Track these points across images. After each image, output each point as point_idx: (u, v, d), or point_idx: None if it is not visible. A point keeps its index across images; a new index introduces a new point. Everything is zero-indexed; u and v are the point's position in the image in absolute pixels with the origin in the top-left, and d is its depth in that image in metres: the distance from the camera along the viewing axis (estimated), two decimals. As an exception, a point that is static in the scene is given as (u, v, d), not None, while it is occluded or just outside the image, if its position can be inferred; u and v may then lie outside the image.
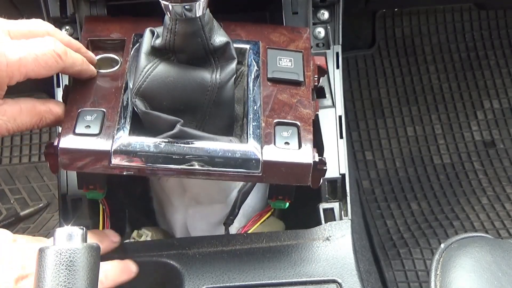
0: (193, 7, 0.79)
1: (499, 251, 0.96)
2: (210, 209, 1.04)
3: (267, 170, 0.84)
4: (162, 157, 0.83)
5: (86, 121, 0.85)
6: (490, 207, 1.73)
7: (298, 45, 0.99)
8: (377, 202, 1.76)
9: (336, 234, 0.94)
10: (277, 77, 0.94)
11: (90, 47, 0.96)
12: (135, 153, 0.83)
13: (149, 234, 1.04)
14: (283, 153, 0.85)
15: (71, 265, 0.66)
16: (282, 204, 0.96)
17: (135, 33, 0.97)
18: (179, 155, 0.83)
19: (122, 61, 0.94)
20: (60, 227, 0.72)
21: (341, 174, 1.02)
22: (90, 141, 0.83)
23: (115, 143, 0.83)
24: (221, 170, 0.84)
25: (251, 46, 0.97)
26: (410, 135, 1.88)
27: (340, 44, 1.12)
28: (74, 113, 0.86)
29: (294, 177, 0.85)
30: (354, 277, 0.89)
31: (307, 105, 0.91)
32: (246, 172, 0.84)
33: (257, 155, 0.84)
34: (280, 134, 0.87)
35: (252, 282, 0.88)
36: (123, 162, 0.83)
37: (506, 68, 1.96)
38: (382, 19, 1.98)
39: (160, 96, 0.84)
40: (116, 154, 0.82)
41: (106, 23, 1.00)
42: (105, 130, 0.84)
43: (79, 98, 0.88)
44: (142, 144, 0.83)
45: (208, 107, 0.85)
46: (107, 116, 0.86)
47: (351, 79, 1.94)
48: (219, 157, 0.83)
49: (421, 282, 1.56)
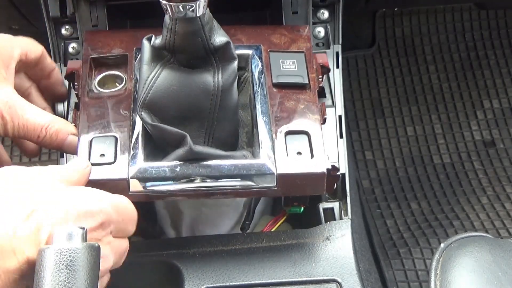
0: (193, 7, 0.79)
1: (499, 250, 0.96)
2: (216, 212, 1.04)
3: (282, 183, 0.84)
4: (179, 181, 0.84)
5: (100, 150, 0.86)
6: (490, 206, 1.73)
7: (299, 45, 1.00)
8: (377, 201, 1.76)
9: (336, 233, 0.94)
10: (282, 82, 0.94)
11: (93, 65, 0.97)
12: (152, 179, 0.83)
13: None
14: (296, 164, 0.85)
15: (71, 265, 0.66)
16: (297, 209, 0.96)
17: (136, 47, 0.97)
18: (195, 177, 0.83)
19: (126, 78, 0.94)
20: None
21: (341, 174, 1.02)
22: (106, 170, 0.84)
23: (131, 170, 0.83)
24: (237, 187, 0.85)
25: (253, 51, 0.97)
26: (410, 135, 1.88)
27: (340, 44, 1.12)
28: (87, 142, 0.87)
29: (309, 187, 0.86)
30: (354, 276, 0.89)
31: (315, 110, 0.91)
32: (262, 187, 0.85)
33: (272, 169, 0.84)
34: (291, 144, 0.87)
35: (252, 282, 0.88)
36: (141, 189, 0.84)
37: (506, 67, 1.96)
38: (382, 19, 1.98)
39: (165, 106, 0.85)
40: (133, 181, 0.83)
41: (106, 38, 1.00)
42: (120, 157, 0.85)
43: (90, 125, 0.89)
44: (158, 169, 0.84)
45: (215, 112, 0.86)
46: (119, 142, 0.86)
47: (351, 79, 1.94)
48: (235, 175, 0.84)
49: (421, 282, 1.56)
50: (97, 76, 0.96)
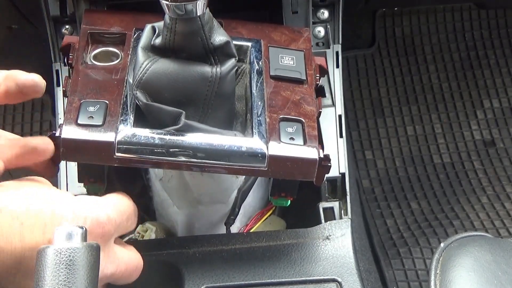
0: (193, 6, 0.79)
1: (498, 250, 0.96)
2: (212, 209, 1.04)
3: (273, 164, 0.84)
4: (167, 150, 0.82)
5: (88, 112, 0.83)
6: (490, 206, 1.73)
7: (299, 45, 1.00)
8: (377, 201, 1.76)
9: (336, 233, 0.94)
10: (280, 75, 0.94)
11: (90, 40, 0.95)
12: (139, 144, 0.81)
13: (153, 228, 1.04)
14: (288, 148, 0.84)
15: (71, 265, 0.66)
16: (284, 201, 0.95)
17: (136, 27, 0.96)
18: (185, 148, 0.82)
19: (122, 55, 0.93)
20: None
21: (341, 173, 1.02)
22: (93, 132, 0.82)
23: (119, 134, 0.82)
24: (227, 164, 0.83)
25: (252, 44, 0.97)
26: (410, 135, 1.88)
27: (340, 44, 1.12)
28: (76, 104, 0.85)
29: (299, 172, 0.85)
30: (354, 276, 0.89)
31: (310, 102, 0.91)
32: (252, 166, 0.83)
33: (263, 150, 0.83)
34: (284, 129, 0.86)
35: (252, 281, 0.88)
36: (127, 154, 0.82)
37: (506, 67, 1.96)
38: (382, 19, 1.98)
39: (161, 88, 0.84)
40: (120, 146, 0.81)
41: (105, 17, 0.99)
42: (109, 121, 0.83)
43: (81, 90, 0.87)
44: (146, 136, 0.82)
45: (211, 99, 0.85)
46: (109, 108, 0.84)
47: (351, 79, 1.94)
48: (225, 150, 0.83)
49: (421, 281, 1.56)
50: (93, 51, 0.94)
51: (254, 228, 1.00)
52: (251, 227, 1.00)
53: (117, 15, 0.99)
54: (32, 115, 1.86)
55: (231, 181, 1.00)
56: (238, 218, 1.02)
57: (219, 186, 1.01)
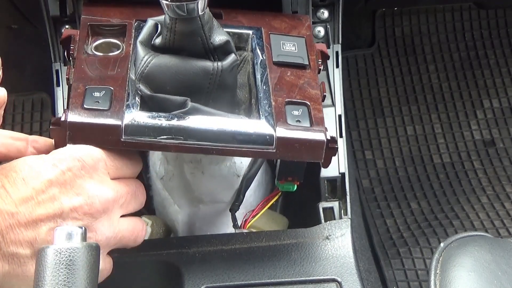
0: (193, 6, 0.79)
1: (498, 250, 0.96)
2: (212, 208, 1.04)
3: (281, 146, 0.84)
4: (175, 133, 0.81)
5: (94, 97, 0.83)
6: (490, 206, 1.73)
7: (300, 31, 1.00)
8: (376, 201, 1.76)
9: (335, 233, 0.94)
10: (282, 61, 0.94)
11: (90, 32, 0.95)
12: (146, 128, 0.81)
13: (149, 222, 1.03)
14: (296, 130, 0.85)
15: (71, 265, 0.66)
16: (290, 186, 0.95)
17: (136, 18, 0.96)
18: (192, 130, 0.82)
19: (124, 45, 0.93)
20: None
21: (341, 173, 1.02)
22: (100, 115, 0.81)
23: (126, 118, 0.81)
24: (235, 146, 0.83)
25: (253, 31, 0.98)
26: (410, 134, 1.88)
27: (340, 43, 1.12)
28: (81, 90, 0.84)
29: (308, 153, 0.85)
30: (354, 276, 0.89)
31: (314, 86, 0.91)
32: (260, 148, 0.83)
33: (271, 132, 0.84)
34: (291, 112, 0.87)
35: (252, 281, 0.88)
36: (134, 137, 0.81)
37: (506, 67, 1.96)
38: (382, 18, 1.98)
39: (163, 80, 0.83)
40: (128, 129, 0.81)
41: (105, 9, 0.99)
42: (115, 106, 0.82)
43: (85, 76, 0.86)
44: (154, 119, 0.82)
45: (212, 91, 0.85)
46: (115, 93, 0.84)
47: (350, 78, 1.94)
48: (233, 132, 0.83)
49: (421, 281, 1.56)
50: (93, 42, 0.94)
51: (260, 214, 0.99)
52: (257, 212, 0.99)
53: (117, 7, 0.99)
54: (32, 115, 1.86)
55: (232, 180, 1.00)
56: (242, 206, 1.02)
57: (220, 185, 1.01)
